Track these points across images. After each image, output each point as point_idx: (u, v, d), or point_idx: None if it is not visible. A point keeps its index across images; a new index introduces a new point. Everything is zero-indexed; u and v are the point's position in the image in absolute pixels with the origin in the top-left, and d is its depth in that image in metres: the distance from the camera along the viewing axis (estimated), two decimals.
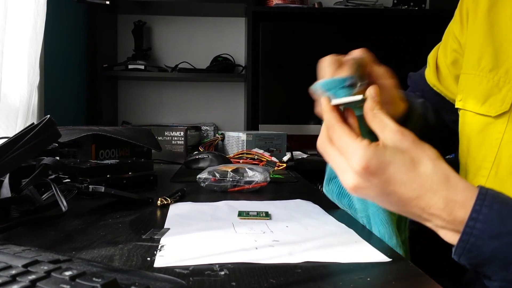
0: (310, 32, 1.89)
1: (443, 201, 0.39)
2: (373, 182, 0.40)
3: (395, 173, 0.39)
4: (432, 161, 0.40)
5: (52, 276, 0.28)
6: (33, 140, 0.53)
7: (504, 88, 0.58)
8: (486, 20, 0.63)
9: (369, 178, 0.40)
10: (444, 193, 0.39)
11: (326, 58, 0.53)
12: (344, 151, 0.42)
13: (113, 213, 0.59)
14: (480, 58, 0.63)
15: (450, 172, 0.40)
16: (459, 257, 0.39)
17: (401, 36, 1.84)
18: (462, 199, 0.39)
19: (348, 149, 0.41)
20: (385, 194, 0.41)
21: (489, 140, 0.60)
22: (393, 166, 0.39)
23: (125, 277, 0.29)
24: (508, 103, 0.58)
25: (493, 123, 0.60)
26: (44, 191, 0.60)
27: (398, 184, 0.40)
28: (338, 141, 0.43)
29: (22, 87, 1.08)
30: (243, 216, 0.57)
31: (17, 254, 0.33)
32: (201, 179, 0.79)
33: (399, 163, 0.40)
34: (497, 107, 0.59)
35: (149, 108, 2.06)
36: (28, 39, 1.09)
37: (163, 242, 0.46)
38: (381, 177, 0.40)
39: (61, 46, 1.55)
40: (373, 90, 0.45)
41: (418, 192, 0.39)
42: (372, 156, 0.40)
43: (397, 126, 0.42)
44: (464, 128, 0.66)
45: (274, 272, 0.38)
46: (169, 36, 2.05)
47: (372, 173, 0.40)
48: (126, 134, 0.94)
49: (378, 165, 0.39)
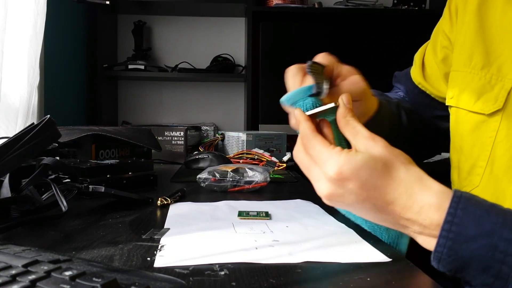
0: (310, 32, 1.89)
1: (417, 204, 0.38)
2: (347, 189, 0.40)
3: (368, 178, 0.39)
4: (404, 166, 0.40)
5: (52, 276, 0.28)
6: (33, 140, 0.53)
7: (496, 86, 0.58)
8: (476, 17, 0.63)
9: (342, 184, 0.40)
10: (418, 197, 0.39)
11: (290, 69, 0.54)
12: (318, 160, 0.42)
13: (113, 213, 0.59)
14: (471, 55, 0.63)
15: (423, 176, 0.40)
16: (438, 262, 0.38)
17: (401, 36, 1.84)
18: (437, 202, 0.38)
19: (321, 157, 0.41)
20: (360, 201, 0.41)
21: (483, 138, 0.60)
22: (366, 171, 0.39)
23: (125, 277, 0.29)
24: (501, 101, 0.58)
25: (487, 121, 0.59)
26: (44, 191, 0.60)
27: (372, 189, 0.39)
28: (311, 150, 0.43)
29: (22, 87, 1.08)
30: (243, 216, 0.57)
31: (17, 254, 0.33)
32: (201, 179, 0.79)
33: (372, 168, 0.39)
34: (490, 105, 0.59)
35: (149, 108, 2.06)
36: (28, 39, 1.09)
37: (163, 242, 0.46)
38: (354, 183, 0.39)
39: (61, 46, 1.55)
40: (345, 98, 0.45)
41: (392, 197, 0.39)
42: (345, 162, 0.39)
43: (369, 132, 0.43)
44: (457, 126, 0.65)
45: (274, 272, 0.38)
46: (169, 36, 2.05)
47: (346, 179, 0.39)
48: (126, 134, 0.93)
49: (351, 171, 0.39)
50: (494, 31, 0.61)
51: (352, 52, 1.89)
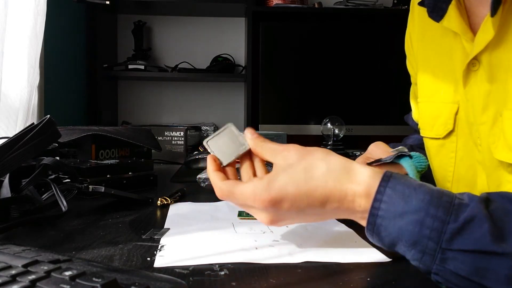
0: (310, 32, 1.89)
1: (350, 194, 0.39)
2: (283, 209, 0.40)
3: (295, 189, 0.39)
4: (323, 161, 0.40)
5: (52, 276, 0.28)
6: (33, 140, 0.53)
7: (445, 110, 0.62)
8: (422, 45, 0.69)
9: (275, 208, 0.40)
10: (348, 186, 0.39)
11: None
12: (243, 199, 0.41)
13: (113, 213, 0.59)
14: (424, 85, 0.68)
15: (347, 164, 0.40)
16: (371, 238, 0.39)
17: (401, 36, 1.84)
18: (366, 188, 0.39)
19: (245, 195, 0.41)
20: (301, 212, 0.40)
21: (446, 160, 0.63)
22: (291, 184, 0.39)
23: (125, 277, 0.29)
24: (450, 124, 0.61)
25: (444, 144, 0.63)
26: (44, 191, 0.60)
27: (304, 197, 0.39)
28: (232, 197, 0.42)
29: (22, 87, 1.08)
30: (243, 216, 0.57)
31: (17, 254, 0.33)
32: (201, 179, 0.79)
33: (295, 178, 0.39)
34: (442, 129, 0.63)
35: (149, 108, 2.06)
36: (28, 39, 1.09)
37: (163, 242, 0.46)
38: (286, 201, 0.39)
39: (61, 46, 1.55)
40: (248, 131, 0.46)
41: (325, 194, 0.39)
42: (264, 188, 0.39)
43: (281, 145, 0.43)
44: (427, 153, 0.69)
45: (274, 272, 0.38)
46: (169, 36, 2.05)
47: (275, 202, 0.39)
48: (126, 134, 0.93)
49: (276, 192, 0.39)
50: (436, 57, 0.64)
51: (352, 52, 1.89)
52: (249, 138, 0.45)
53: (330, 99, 1.86)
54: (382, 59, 1.85)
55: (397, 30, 1.90)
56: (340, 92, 1.87)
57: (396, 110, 1.58)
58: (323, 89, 1.87)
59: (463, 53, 0.57)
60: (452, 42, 0.60)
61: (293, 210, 0.40)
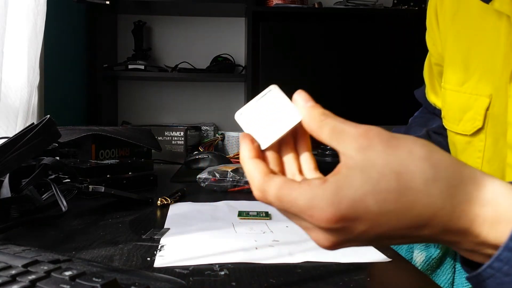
0: (310, 32, 1.89)
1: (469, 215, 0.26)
2: (356, 230, 0.27)
3: (381, 204, 0.26)
4: (426, 161, 0.26)
5: (52, 276, 0.28)
6: (33, 140, 0.53)
7: (475, 103, 0.54)
8: (452, 25, 0.59)
9: (345, 228, 0.27)
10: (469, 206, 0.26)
11: None
12: (294, 208, 0.28)
13: (113, 213, 0.59)
14: (452, 70, 0.59)
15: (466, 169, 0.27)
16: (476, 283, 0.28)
17: (401, 36, 1.84)
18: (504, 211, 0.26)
19: (298, 203, 0.27)
20: (380, 237, 0.28)
21: (472, 159, 0.56)
22: (374, 196, 0.26)
23: (125, 277, 0.29)
24: (480, 120, 0.53)
25: (471, 141, 0.56)
26: (44, 191, 0.60)
27: (393, 217, 0.26)
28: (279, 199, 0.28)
29: (22, 87, 1.08)
30: (243, 216, 0.57)
31: (17, 254, 0.33)
32: (201, 179, 0.79)
33: (380, 186, 0.26)
34: (470, 125, 0.55)
35: (149, 108, 2.06)
36: (28, 39, 1.09)
37: (163, 242, 0.46)
38: (363, 220, 0.26)
39: (61, 46, 1.55)
40: (299, 96, 0.31)
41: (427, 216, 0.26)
42: (331, 198, 0.26)
43: (357, 128, 0.28)
44: (452, 147, 0.62)
45: (274, 272, 0.38)
46: (169, 36, 2.05)
47: (347, 221, 0.26)
48: (126, 134, 0.93)
49: (348, 207, 0.26)
50: (470, 40, 0.55)
51: (352, 52, 1.89)
52: (301, 107, 0.30)
53: (330, 99, 1.86)
54: (382, 59, 1.84)
55: (397, 30, 1.91)
56: (340, 92, 1.87)
57: (397, 110, 1.58)
58: (323, 89, 1.87)
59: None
60: (497, 26, 0.50)
61: (371, 234, 0.27)
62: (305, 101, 0.31)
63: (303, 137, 0.32)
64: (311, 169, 0.31)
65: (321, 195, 0.26)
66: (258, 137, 0.31)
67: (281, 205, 0.28)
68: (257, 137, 0.31)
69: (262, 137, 0.31)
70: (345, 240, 0.28)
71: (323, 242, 0.29)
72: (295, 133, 0.31)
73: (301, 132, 0.31)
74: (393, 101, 1.81)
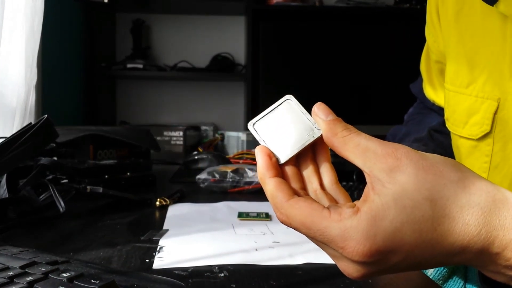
0: (310, 31, 1.89)
1: (499, 245, 0.26)
2: (390, 262, 0.26)
3: (417, 235, 0.25)
4: (458, 185, 0.26)
5: (49, 278, 0.28)
6: (30, 140, 0.53)
7: (482, 106, 0.52)
8: (455, 24, 0.57)
9: (379, 260, 0.26)
10: (500, 233, 0.26)
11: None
12: (323, 238, 0.27)
13: (112, 214, 0.59)
14: (456, 71, 0.57)
15: (498, 191, 0.27)
16: None
17: (403, 34, 1.84)
18: None
19: (329, 234, 0.26)
20: (412, 265, 0.27)
21: (479, 164, 0.54)
22: (411, 226, 0.25)
23: (123, 279, 0.29)
24: (487, 124, 0.51)
25: (478, 146, 0.53)
26: (41, 191, 0.60)
27: (429, 247, 0.26)
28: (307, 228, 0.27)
29: (19, 86, 1.07)
30: (243, 217, 0.57)
31: (15, 255, 0.32)
32: (201, 180, 0.79)
33: (416, 215, 0.25)
34: (477, 129, 0.53)
35: (148, 107, 2.06)
36: (25, 38, 1.08)
37: (162, 244, 0.45)
38: (399, 252, 0.26)
39: (59, 45, 1.54)
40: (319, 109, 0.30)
41: (462, 244, 0.26)
42: (366, 230, 0.25)
43: (384, 146, 0.27)
44: (456, 151, 0.60)
45: (274, 274, 0.37)
46: (168, 34, 2.05)
47: (382, 254, 0.26)
48: (124, 134, 0.93)
49: (385, 240, 0.25)
50: (475, 41, 0.54)
51: (353, 51, 1.88)
52: (321, 120, 0.30)
53: (331, 98, 1.86)
54: (383, 58, 1.84)
55: (398, 28, 1.90)
56: (340, 91, 1.87)
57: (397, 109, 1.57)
58: (323, 88, 1.86)
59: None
60: (503, 28, 0.49)
61: (403, 264, 0.27)
62: (326, 114, 0.30)
63: (322, 148, 0.31)
64: (333, 183, 0.30)
65: (355, 227, 0.26)
66: (275, 150, 0.30)
67: (308, 232, 0.27)
68: (274, 150, 0.30)
69: (280, 151, 0.30)
70: (377, 271, 0.27)
71: (352, 272, 0.28)
72: (314, 144, 0.31)
73: (320, 143, 0.30)
74: (395, 100, 1.80)
